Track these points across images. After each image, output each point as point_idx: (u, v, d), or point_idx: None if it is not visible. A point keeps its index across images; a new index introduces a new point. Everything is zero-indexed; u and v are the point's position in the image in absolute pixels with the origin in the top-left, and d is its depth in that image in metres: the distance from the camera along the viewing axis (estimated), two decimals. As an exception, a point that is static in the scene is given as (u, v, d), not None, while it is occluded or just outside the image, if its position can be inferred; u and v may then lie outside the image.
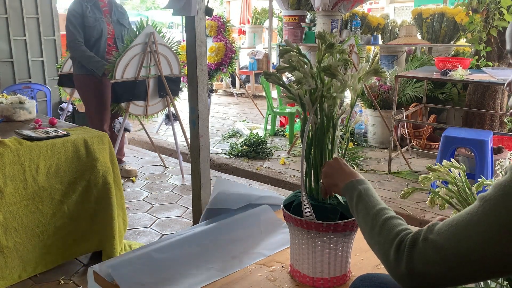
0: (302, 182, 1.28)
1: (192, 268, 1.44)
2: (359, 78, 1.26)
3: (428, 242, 0.78)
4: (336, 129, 1.29)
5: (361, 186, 1.06)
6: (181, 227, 2.98)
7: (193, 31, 2.34)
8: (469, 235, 0.74)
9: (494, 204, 0.73)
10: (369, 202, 1.00)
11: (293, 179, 3.98)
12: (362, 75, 1.26)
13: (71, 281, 2.32)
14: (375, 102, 4.57)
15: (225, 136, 5.47)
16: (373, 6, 13.08)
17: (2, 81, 4.64)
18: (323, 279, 1.31)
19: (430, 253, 0.77)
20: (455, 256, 0.75)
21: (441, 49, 5.42)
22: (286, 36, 6.15)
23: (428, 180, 1.51)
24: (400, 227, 0.88)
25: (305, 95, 1.26)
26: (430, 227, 0.81)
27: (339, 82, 1.22)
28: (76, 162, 2.26)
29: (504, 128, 4.52)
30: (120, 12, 3.61)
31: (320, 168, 1.30)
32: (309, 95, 1.25)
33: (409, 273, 0.79)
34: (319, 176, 1.30)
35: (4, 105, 2.60)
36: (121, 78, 3.49)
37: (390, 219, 0.92)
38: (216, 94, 8.98)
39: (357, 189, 1.06)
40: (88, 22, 3.38)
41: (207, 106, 2.56)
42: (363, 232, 0.97)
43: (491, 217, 0.72)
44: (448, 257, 0.76)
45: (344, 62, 1.22)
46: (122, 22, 3.57)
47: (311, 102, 1.25)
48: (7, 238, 2.10)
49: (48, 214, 2.23)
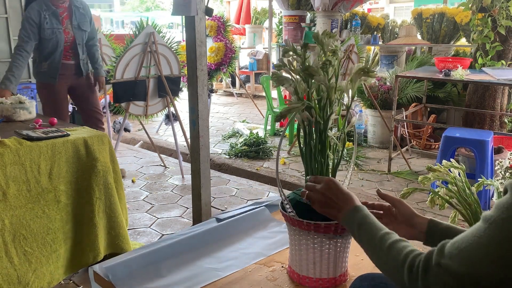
0: (278, 180, 1.27)
1: (192, 268, 1.44)
2: (351, 79, 1.26)
3: (441, 267, 0.80)
4: (329, 129, 1.28)
5: (358, 216, 1.06)
6: (181, 227, 2.98)
7: (193, 31, 2.35)
8: (479, 259, 0.76)
9: (499, 227, 0.74)
10: (370, 230, 1.01)
11: (293, 179, 3.98)
12: (352, 76, 1.25)
13: (71, 281, 2.31)
14: (375, 102, 4.57)
15: (225, 136, 5.47)
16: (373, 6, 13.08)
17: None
18: (322, 279, 1.31)
19: (445, 279, 0.80)
20: (469, 279, 0.77)
21: (441, 49, 5.43)
22: (286, 36, 6.15)
23: (428, 180, 1.52)
24: (406, 249, 0.90)
25: (293, 95, 1.26)
26: (440, 250, 0.82)
27: (322, 83, 1.22)
28: (76, 162, 2.26)
29: (504, 128, 4.52)
30: (81, 14, 3.29)
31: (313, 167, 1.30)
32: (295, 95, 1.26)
33: None
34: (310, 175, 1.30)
35: (4, 105, 2.60)
36: (121, 78, 3.49)
37: (394, 244, 0.93)
38: (216, 94, 8.98)
39: (355, 220, 1.06)
40: (45, 34, 3.11)
41: (207, 106, 2.56)
42: (373, 261, 0.99)
43: (498, 241, 0.74)
44: (463, 281, 0.78)
45: (323, 63, 1.21)
46: (83, 28, 3.30)
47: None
48: (16, 247, 1.99)
49: (56, 218, 2.14)
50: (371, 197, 3.51)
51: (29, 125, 2.46)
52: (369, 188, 3.72)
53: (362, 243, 1.03)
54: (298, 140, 1.36)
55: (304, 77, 1.25)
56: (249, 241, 1.61)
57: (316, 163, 1.30)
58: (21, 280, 2.00)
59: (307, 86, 1.26)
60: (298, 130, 1.34)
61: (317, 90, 1.28)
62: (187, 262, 1.47)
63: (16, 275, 1.99)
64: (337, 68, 1.25)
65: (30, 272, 2.04)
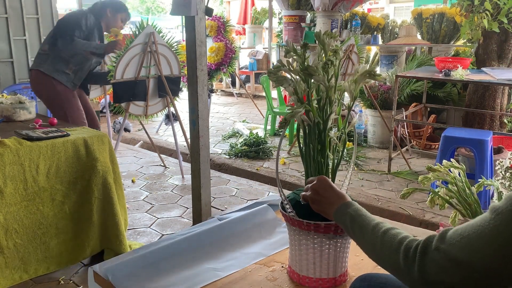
0: (278, 180, 1.27)
1: (192, 268, 1.44)
2: (354, 80, 1.26)
3: (440, 252, 0.80)
4: (329, 129, 1.28)
5: (350, 209, 1.06)
6: (181, 227, 2.98)
7: (193, 31, 2.35)
8: (481, 247, 0.75)
9: (506, 218, 0.74)
10: (362, 222, 1.01)
11: (293, 179, 3.98)
12: (357, 77, 1.25)
13: (71, 281, 2.32)
14: (375, 102, 4.57)
15: (225, 136, 5.47)
16: (373, 6, 13.07)
17: (2, 81, 4.64)
18: (322, 279, 1.31)
19: (442, 263, 0.79)
20: (467, 267, 0.77)
21: (441, 49, 5.42)
22: (286, 36, 6.15)
23: (428, 180, 1.52)
24: (400, 235, 0.90)
25: (293, 95, 1.26)
26: (442, 236, 0.82)
27: (322, 83, 1.22)
28: (76, 162, 2.26)
29: (504, 128, 4.52)
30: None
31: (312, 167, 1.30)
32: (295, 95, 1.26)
33: (422, 279, 0.82)
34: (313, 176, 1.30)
35: (4, 105, 2.60)
36: (121, 78, 3.49)
37: (388, 231, 0.94)
38: (216, 94, 8.98)
39: (347, 213, 1.06)
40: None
41: (207, 106, 2.56)
42: (365, 252, 0.99)
43: (503, 231, 0.74)
44: (460, 268, 0.77)
45: (324, 63, 1.21)
46: None
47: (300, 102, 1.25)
48: (7, 239, 2.09)
49: (49, 215, 2.22)
50: (371, 197, 3.51)
51: (29, 125, 2.46)
52: (369, 188, 3.72)
53: (356, 236, 1.02)
54: (298, 140, 1.36)
55: (303, 77, 1.25)
56: (249, 241, 1.61)
57: (316, 163, 1.30)
58: (8, 265, 2.12)
59: (306, 86, 1.26)
60: (298, 130, 1.34)
61: (317, 90, 1.28)
62: (187, 262, 1.47)
63: (4, 261, 2.10)
64: (337, 68, 1.25)
65: (17, 259, 2.15)
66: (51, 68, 3.22)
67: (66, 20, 3.31)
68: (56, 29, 3.29)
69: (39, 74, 3.23)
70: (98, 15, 3.38)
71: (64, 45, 3.16)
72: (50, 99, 3.29)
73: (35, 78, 3.28)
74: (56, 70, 3.23)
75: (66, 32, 3.18)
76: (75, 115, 3.26)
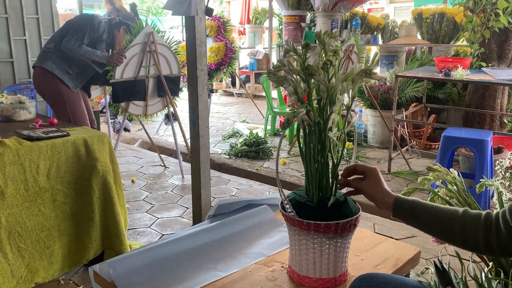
0: (278, 180, 1.27)
1: (192, 268, 1.44)
2: (352, 80, 1.26)
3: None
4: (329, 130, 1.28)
5: (407, 199, 1.12)
6: (181, 227, 2.98)
7: (193, 31, 2.35)
8: None
9: None
10: (429, 206, 1.09)
11: (293, 179, 3.98)
12: (353, 76, 1.25)
13: (71, 281, 2.31)
14: (375, 102, 4.57)
15: (225, 136, 5.48)
16: (373, 6, 13.07)
17: (2, 81, 4.63)
18: (322, 279, 1.31)
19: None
20: None
21: (441, 49, 5.42)
22: (286, 36, 6.15)
23: (428, 181, 1.52)
24: (481, 212, 1.03)
25: (293, 94, 1.26)
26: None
27: (322, 83, 1.21)
28: (76, 162, 2.26)
29: (504, 128, 4.52)
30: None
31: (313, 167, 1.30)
32: (295, 95, 1.26)
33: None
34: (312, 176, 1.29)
35: (4, 105, 2.60)
36: (121, 77, 3.49)
37: (467, 211, 1.04)
38: (216, 94, 8.98)
39: (407, 201, 1.11)
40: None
41: (207, 106, 2.57)
42: (434, 234, 1.09)
43: None
44: None
45: (324, 62, 1.21)
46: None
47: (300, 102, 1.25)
48: (10, 243, 2.04)
49: (51, 216, 2.18)
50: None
51: (29, 125, 2.46)
52: (369, 188, 3.72)
53: (422, 222, 1.09)
54: (298, 140, 1.36)
55: (304, 77, 1.25)
56: (249, 241, 1.61)
57: (316, 163, 1.30)
58: (14, 274, 2.06)
59: (307, 86, 1.26)
60: (298, 130, 1.34)
61: (317, 90, 1.28)
62: (187, 262, 1.47)
63: (9, 269, 2.03)
64: (337, 68, 1.25)
65: (23, 267, 2.09)
66: (54, 66, 3.21)
67: (77, 23, 3.29)
68: (65, 29, 3.28)
69: (42, 71, 3.21)
70: (112, 27, 3.46)
71: (70, 46, 3.17)
72: (52, 98, 3.29)
73: (38, 75, 3.26)
74: (59, 68, 3.23)
75: (74, 35, 3.20)
76: (77, 115, 3.26)
